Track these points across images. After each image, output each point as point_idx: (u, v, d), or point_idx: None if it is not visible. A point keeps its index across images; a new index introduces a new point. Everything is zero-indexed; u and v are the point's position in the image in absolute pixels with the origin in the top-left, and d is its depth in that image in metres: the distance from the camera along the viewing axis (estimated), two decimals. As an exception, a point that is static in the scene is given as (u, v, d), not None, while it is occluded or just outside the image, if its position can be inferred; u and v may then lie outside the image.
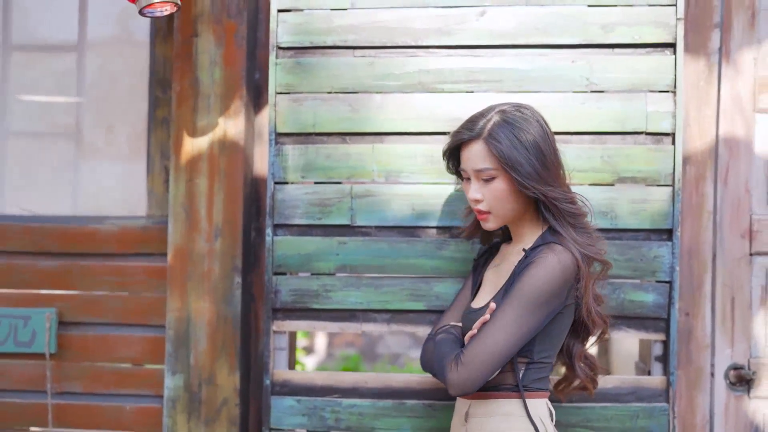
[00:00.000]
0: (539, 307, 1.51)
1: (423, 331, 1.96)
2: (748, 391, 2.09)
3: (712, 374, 2.09)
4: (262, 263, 2.24)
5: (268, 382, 2.00)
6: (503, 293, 1.57)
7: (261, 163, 2.25)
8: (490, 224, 1.65)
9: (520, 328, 1.51)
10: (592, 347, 1.84)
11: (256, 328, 2.26)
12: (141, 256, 2.26)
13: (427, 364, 1.70)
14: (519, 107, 1.60)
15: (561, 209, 1.58)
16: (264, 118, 2.25)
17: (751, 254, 2.08)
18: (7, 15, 2.38)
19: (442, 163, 1.93)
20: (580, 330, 1.66)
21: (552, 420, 1.62)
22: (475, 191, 1.62)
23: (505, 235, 1.78)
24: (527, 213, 1.65)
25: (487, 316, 1.54)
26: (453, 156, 1.70)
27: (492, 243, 1.82)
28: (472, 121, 1.62)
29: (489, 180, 1.60)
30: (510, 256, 1.68)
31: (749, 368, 2.08)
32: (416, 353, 5.40)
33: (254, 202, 2.25)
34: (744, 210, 2.08)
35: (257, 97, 2.26)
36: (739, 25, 2.09)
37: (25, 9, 2.37)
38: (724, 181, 2.08)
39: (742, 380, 2.08)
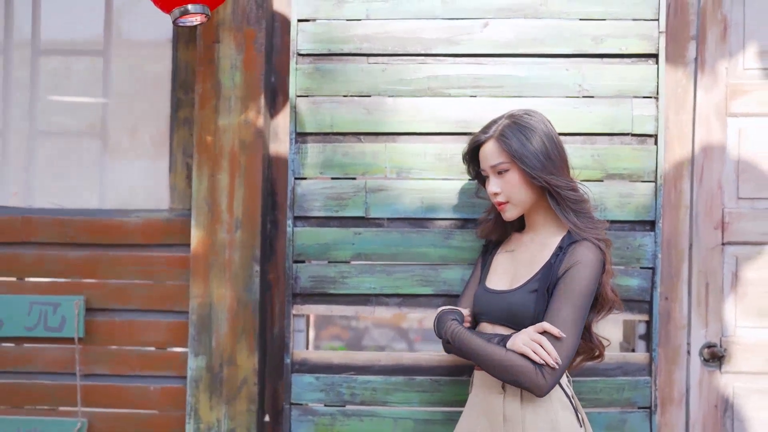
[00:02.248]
0: (589, 302, 1.75)
1: (431, 313, 2.15)
2: (720, 367, 2.32)
3: (688, 352, 2.32)
4: (278, 253, 2.42)
5: (288, 361, 2.18)
6: (539, 284, 1.77)
7: (277, 161, 2.43)
8: (508, 213, 1.86)
9: (580, 324, 1.73)
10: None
11: (271, 313, 2.43)
12: (164, 246, 2.42)
13: (484, 363, 1.78)
14: (527, 112, 1.83)
15: (564, 196, 1.80)
16: (279, 118, 2.43)
17: (723, 244, 2.31)
18: (35, 18, 2.52)
19: (449, 161, 2.14)
20: (594, 306, 1.86)
21: (570, 383, 1.85)
22: (493, 185, 1.84)
23: (516, 226, 1.98)
24: (540, 204, 1.86)
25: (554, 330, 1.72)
26: (473, 161, 1.93)
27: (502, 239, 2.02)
28: (487, 127, 1.86)
29: (503, 173, 1.82)
30: (528, 245, 1.88)
31: (721, 346, 2.31)
32: (400, 345, 5.59)
33: (270, 196, 2.43)
34: (717, 204, 2.31)
35: (273, 99, 2.43)
36: (712, 37, 2.32)
37: (51, 12, 2.52)
38: (699, 179, 2.31)
39: (714, 357, 2.31)
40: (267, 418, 2.43)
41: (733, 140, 2.32)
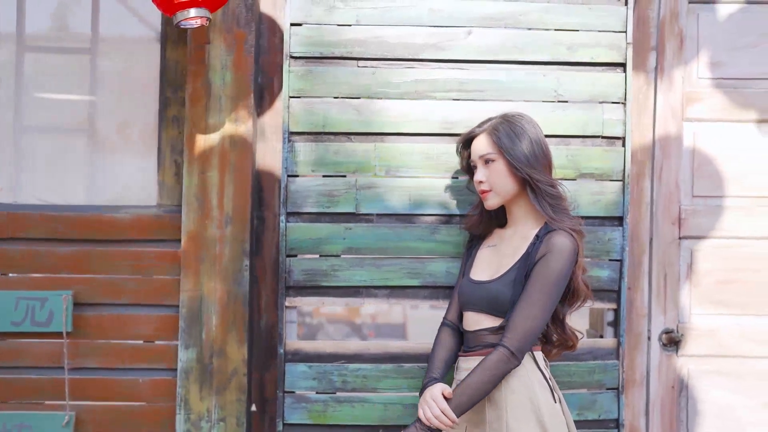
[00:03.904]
0: (560, 288, 1.91)
1: (418, 303, 2.29)
2: (677, 351, 2.53)
3: (649, 338, 2.52)
4: (265, 248, 2.50)
5: (282, 351, 2.28)
6: (517, 272, 1.93)
7: (264, 159, 2.51)
8: (490, 201, 2.02)
9: (550, 307, 1.91)
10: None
11: (258, 306, 2.52)
12: (153, 242, 2.46)
13: (486, 390, 1.91)
14: (519, 113, 2.02)
15: (543, 190, 1.96)
16: (266, 118, 2.51)
17: (679, 238, 2.53)
18: (20, 14, 2.54)
19: (435, 160, 2.29)
20: (567, 298, 2.04)
21: (547, 366, 2.01)
22: (480, 174, 2.02)
23: (499, 222, 2.14)
24: (522, 198, 2.01)
25: None
26: (466, 153, 2.11)
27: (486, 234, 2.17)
28: (482, 123, 2.05)
29: (489, 163, 1.99)
30: (510, 239, 2.04)
31: (678, 332, 2.52)
32: (354, 341, 5.71)
33: (257, 193, 2.51)
34: (674, 202, 2.52)
35: (260, 99, 2.51)
36: (670, 48, 2.52)
37: (40, 9, 2.54)
38: (659, 178, 2.52)
39: (672, 342, 2.52)
40: (254, 408, 2.51)
41: (688, 143, 2.53)
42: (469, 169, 2.12)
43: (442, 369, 2.06)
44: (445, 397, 1.91)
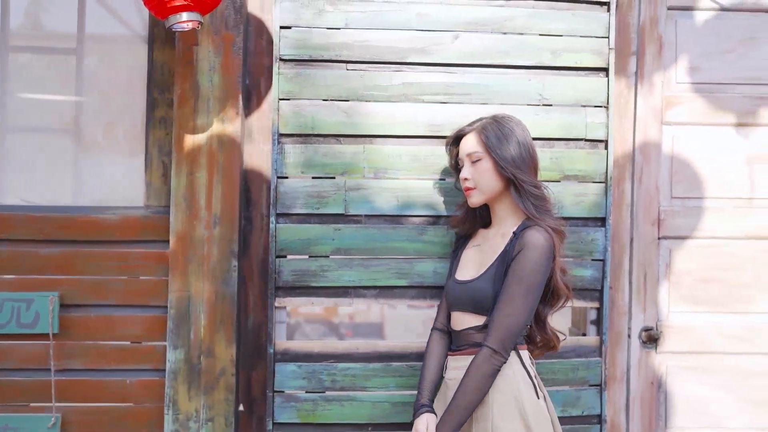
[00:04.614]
0: (537, 282, 1.94)
1: (406, 303, 2.32)
2: (656, 348, 2.60)
3: (629, 335, 2.59)
4: (252, 249, 2.52)
5: (271, 350, 2.30)
6: (496, 269, 1.98)
7: (251, 160, 2.53)
8: (474, 199, 2.06)
9: (531, 302, 1.94)
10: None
11: (245, 306, 2.53)
12: (140, 242, 2.46)
13: (477, 399, 1.96)
14: (509, 115, 2.07)
15: (527, 190, 2.01)
16: (253, 119, 2.53)
17: (659, 238, 2.59)
18: (4, 13, 2.52)
19: (423, 162, 2.32)
20: (548, 298, 2.09)
21: (533, 364, 2.05)
22: (465, 172, 2.06)
23: (483, 223, 2.18)
24: (505, 197, 2.06)
25: None
26: (454, 150, 2.15)
27: (471, 233, 2.22)
28: (472, 122, 2.09)
29: (476, 161, 2.03)
30: (492, 238, 2.08)
31: (657, 329, 2.59)
32: (331, 338, 5.73)
33: (245, 193, 2.52)
34: (654, 203, 2.59)
35: (247, 101, 2.53)
36: (650, 54, 2.59)
37: (24, 7, 2.52)
38: (639, 180, 2.58)
39: (651, 339, 2.59)
40: (241, 407, 2.53)
41: (667, 146, 2.60)
42: (457, 166, 2.16)
43: (432, 389, 2.10)
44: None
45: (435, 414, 2.03)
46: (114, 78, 2.55)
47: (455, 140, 2.15)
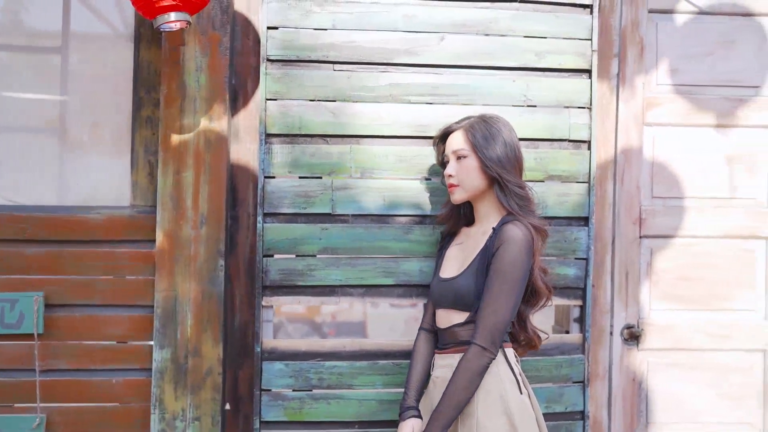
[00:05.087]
0: (519, 276, 1.96)
1: (392, 302, 2.34)
2: (637, 345, 2.64)
3: (611, 333, 2.63)
4: (239, 248, 2.52)
5: (258, 349, 2.31)
6: (477, 265, 2.00)
7: (237, 159, 2.53)
8: (456, 195, 2.10)
9: (514, 297, 1.96)
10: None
11: (232, 305, 2.54)
12: (127, 242, 2.46)
13: (464, 400, 1.97)
14: (497, 116, 2.11)
15: (511, 190, 2.04)
16: (240, 119, 2.53)
17: (640, 237, 2.64)
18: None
19: (409, 162, 2.34)
20: (528, 298, 2.11)
21: (518, 362, 2.08)
22: (450, 168, 2.10)
23: (468, 221, 2.21)
24: (488, 195, 2.09)
25: None
26: (441, 147, 2.18)
27: (455, 230, 2.24)
28: (460, 120, 2.12)
29: (462, 159, 2.06)
30: (475, 236, 2.11)
31: (638, 327, 2.63)
32: (314, 338, 5.74)
33: (231, 193, 2.53)
34: (635, 203, 2.64)
35: (234, 101, 2.53)
36: (631, 56, 2.63)
37: (6, 6, 2.51)
38: (621, 180, 2.62)
39: (633, 336, 2.63)
40: (227, 406, 2.53)
41: (648, 146, 2.65)
42: (443, 162, 2.18)
43: (419, 390, 2.13)
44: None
45: (421, 418, 2.06)
46: (99, 77, 2.54)
47: (442, 137, 2.17)
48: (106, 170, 2.54)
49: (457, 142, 2.09)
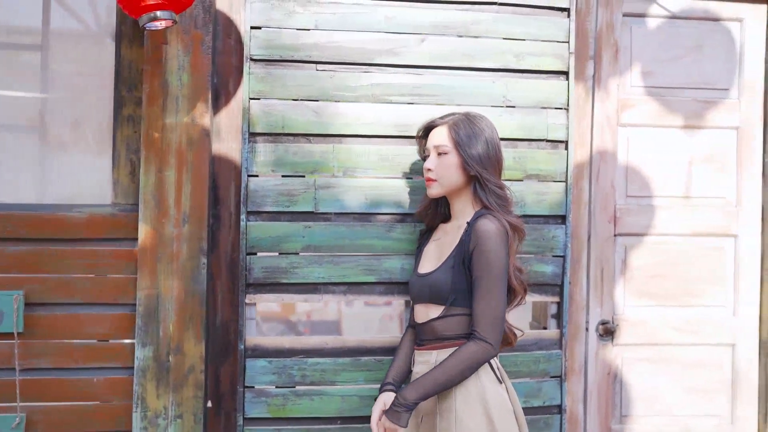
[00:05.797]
0: (503, 269, 2.00)
1: (368, 300, 2.37)
2: (612, 340, 2.71)
3: (587, 329, 2.69)
4: (221, 246, 2.53)
5: (242, 346, 2.33)
6: (453, 260, 2.04)
7: (219, 158, 2.54)
8: (433, 190, 2.13)
9: (503, 288, 2.00)
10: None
11: (214, 303, 2.55)
12: (108, 240, 2.45)
13: (453, 383, 2.01)
14: (480, 115, 2.15)
15: (492, 190, 2.09)
16: (221, 118, 2.54)
17: (615, 235, 2.71)
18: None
19: (391, 161, 2.38)
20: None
21: (496, 357, 2.12)
22: (430, 162, 2.13)
23: (444, 217, 2.25)
24: (465, 192, 2.13)
25: None
26: (423, 140, 2.21)
27: (432, 226, 2.28)
28: (444, 115, 2.15)
29: (443, 155, 2.10)
30: (450, 231, 2.15)
31: (613, 323, 2.70)
32: (290, 336, 5.74)
33: (212, 192, 2.54)
34: (610, 201, 2.70)
35: (215, 100, 2.54)
36: (606, 58, 2.70)
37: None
38: (596, 179, 2.69)
39: (607, 332, 2.70)
40: (209, 404, 2.54)
41: (622, 147, 2.71)
42: (425, 157, 2.20)
43: (399, 373, 2.18)
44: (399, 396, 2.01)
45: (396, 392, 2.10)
46: (80, 75, 2.53)
47: (425, 131, 2.20)
48: (87, 168, 2.53)
49: (439, 137, 2.12)
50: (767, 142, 2.79)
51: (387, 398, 2.10)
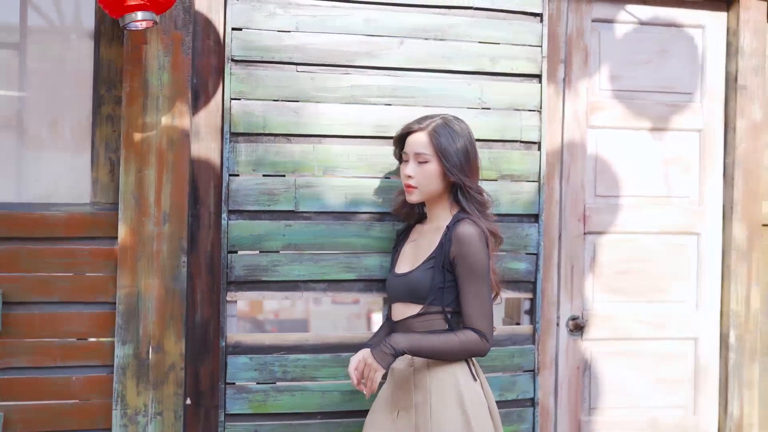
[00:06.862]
0: (486, 269, 2.07)
1: (354, 296, 2.42)
2: (581, 335, 2.80)
3: (558, 324, 2.78)
4: (200, 245, 2.55)
5: (223, 343, 2.35)
6: (432, 261, 2.09)
7: (198, 158, 2.56)
8: (413, 197, 2.18)
9: (489, 289, 2.07)
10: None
11: (193, 301, 2.56)
12: (87, 239, 2.45)
13: (444, 355, 2.06)
14: (457, 118, 2.17)
15: (472, 196, 2.15)
16: (201, 118, 2.56)
17: (584, 233, 2.80)
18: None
19: (369, 161, 2.43)
20: None
21: None
22: (410, 169, 2.15)
23: (420, 216, 2.31)
24: (443, 198, 2.18)
25: None
26: (400, 143, 2.23)
27: (409, 223, 2.33)
28: (421, 119, 2.17)
29: (423, 163, 2.13)
30: (428, 233, 2.21)
31: (582, 318, 2.79)
32: (259, 334, 5.75)
33: (192, 191, 2.56)
34: (580, 200, 2.79)
35: (195, 100, 2.56)
36: (576, 62, 2.78)
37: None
38: (567, 179, 2.78)
39: (577, 327, 2.79)
40: (188, 401, 2.56)
41: (592, 148, 2.81)
42: (401, 159, 2.24)
43: (378, 338, 2.23)
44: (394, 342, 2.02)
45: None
46: (58, 74, 2.53)
47: (403, 135, 2.21)
48: (65, 167, 2.53)
49: (420, 144, 2.14)
50: (728, 144, 2.90)
51: (367, 352, 2.09)
